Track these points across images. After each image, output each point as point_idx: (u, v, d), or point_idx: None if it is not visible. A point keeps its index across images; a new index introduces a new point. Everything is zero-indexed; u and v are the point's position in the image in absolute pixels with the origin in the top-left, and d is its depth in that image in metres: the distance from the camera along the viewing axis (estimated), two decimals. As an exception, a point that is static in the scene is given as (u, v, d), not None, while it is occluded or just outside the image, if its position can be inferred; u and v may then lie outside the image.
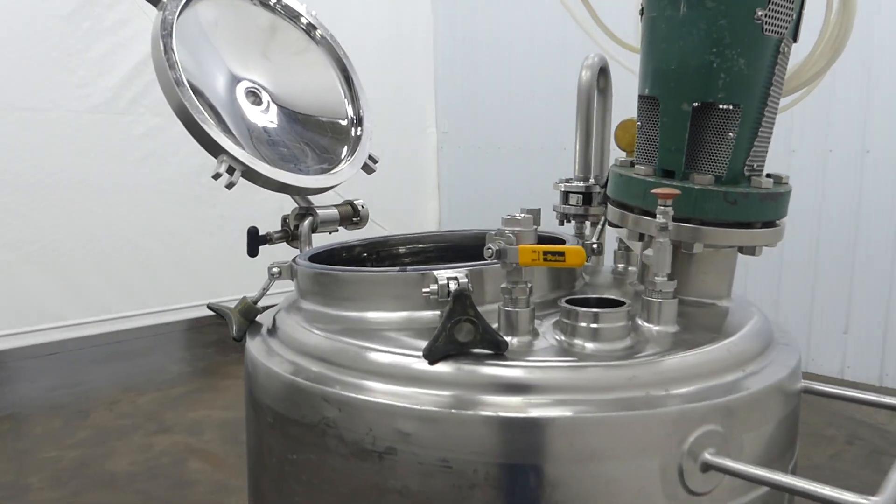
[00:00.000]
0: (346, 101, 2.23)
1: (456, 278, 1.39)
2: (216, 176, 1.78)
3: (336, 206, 2.06)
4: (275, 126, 2.05)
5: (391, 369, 1.29)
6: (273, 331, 1.64)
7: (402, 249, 2.01)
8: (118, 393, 5.34)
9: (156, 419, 4.84)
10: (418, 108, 7.51)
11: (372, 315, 1.48)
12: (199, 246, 5.79)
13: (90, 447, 4.42)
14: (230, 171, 1.79)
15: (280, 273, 1.72)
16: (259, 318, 1.76)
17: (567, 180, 2.06)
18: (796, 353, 1.47)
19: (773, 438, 1.33)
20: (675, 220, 1.46)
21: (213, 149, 1.78)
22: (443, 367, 1.26)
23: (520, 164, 6.95)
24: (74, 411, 4.99)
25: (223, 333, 6.71)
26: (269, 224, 2.02)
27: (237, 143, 1.83)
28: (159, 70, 1.76)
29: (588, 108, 2.01)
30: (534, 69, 6.77)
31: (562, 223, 2.07)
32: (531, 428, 1.17)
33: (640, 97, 1.59)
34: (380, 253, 1.99)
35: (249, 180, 1.85)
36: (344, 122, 2.20)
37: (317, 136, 2.12)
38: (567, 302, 1.36)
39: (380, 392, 1.28)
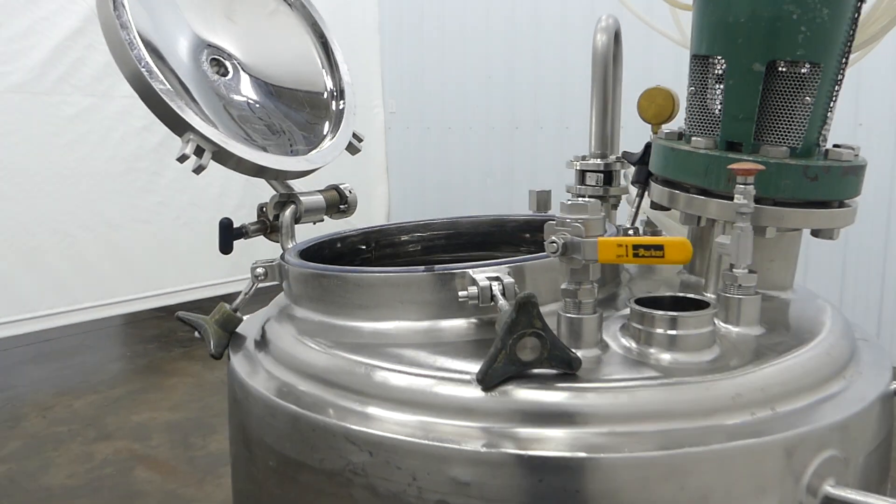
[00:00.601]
0: (324, 71, 1.93)
1: (499, 279, 1.14)
2: (182, 158, 1.48)
3: (320, 191, 1.77)
4: (244, 100, 1.75)
5: (437, 399, 1.04)
6: (263, 345, 1.36)
7: (403, 238, 1.73)
8: (51, 397, 4.90)
9: (95, 425, 4.44)
10: (363, 85, 7.14)
11: (389, 326, 1.22)
12: (134, 235, 5.36)
13: (21, 460, 4.01)
14: (198, 152, 1.49)
15: (265, 275, 1.44)
16: (240, 328, 1.48)
17: (582, 158, 1.83)
18: (883, 351, 1.27)
19: (882, 457, 1.13)
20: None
21: (178, 125, 1.48)
22: (503, 395, 1.01)
23: (473, 145, 6.69)
24: (1, 420, 4.55)
25: (165, 327, 6.32)
26: (215, 212, 1.72)
27: (206, 119, 1.53)
28: (108, 30, 1.44)
29: (605, 76, 1.78)
30: (487, 47, 6.45)
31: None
32: (631, 469, 0.94)
33: (695, 57, 1.36)
34: (379, 243, 1.72)
35: (219, 162, 1.56)
36: (323, 96, 1.91)
37: (293, 112, 1.83)
38: (637, 303, 1.13)
39: (423, 429, 1.02)
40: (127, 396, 4.92)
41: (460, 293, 1.14)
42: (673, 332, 1.08)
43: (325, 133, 1.84)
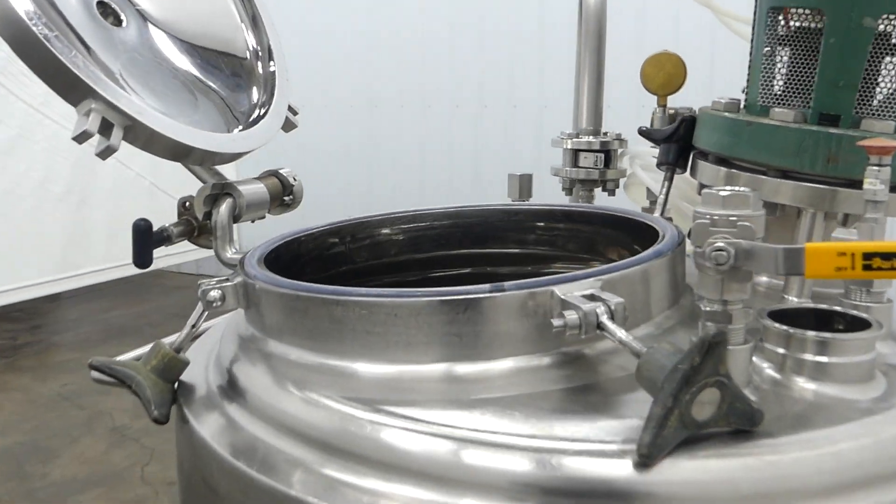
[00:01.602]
0: (242, 25, 1.50)
1: (598, 298, 0.84)
2: (82, 137, 1.04)
3: (257, 179, 1.36)
4: (147, 59, 1.30)
5: (573, 480, 0.71)
6: (235, 396, 0.96)
7: (391, 235, 1.35)
8: None
9: None
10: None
11: (434, 370, 0.88)
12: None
13: None
14: (105, 128, 1.05)
15: (223, 299, 1.03)
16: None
17: (571, 135, 1.55)
18: None
19: None
20: (834, 183, 1.03)
21: (73, 90, 1.04)
22: (672, 470, 0.71)
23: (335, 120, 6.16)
24: None
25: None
26: (36, 202, 1.26)
27: (116, 82, 1.09)
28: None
29: (600, 40, 1.51)
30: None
31: (571, 192, 1.56)
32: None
33: (772, 9, 1.11)
34: (357, 239, 1.33)
35: (129, 141, 1.12)
36: (245, 57, 1.48)
37: (214, 77, 1.39)
38: (772, 317, 0.87)
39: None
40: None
41: (555, 321, 0.82)
42: (836, 360, 0.83)
43: (255, 103, 1.42)
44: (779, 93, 1.13)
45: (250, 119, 1.38)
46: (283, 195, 1.39)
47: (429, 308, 0.87)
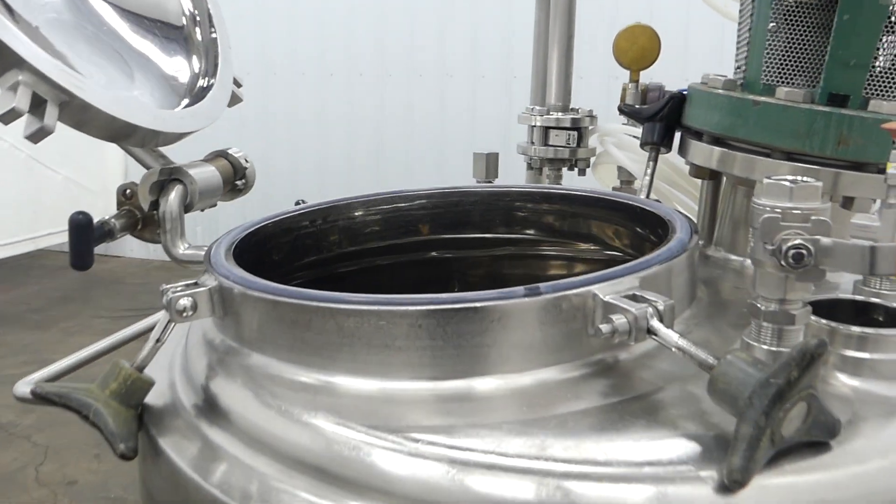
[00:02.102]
0: (174, -17, 1.32)
1: (639, 298, 0.76)
2: (9, 116, 0.86)
3: (206, 161, 1.20)
4: (72, 22, 1.11)
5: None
6: (217, 419, 0.84)
7: (368, 218, 1.21)
8: None
9: None
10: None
11: (458, 386, 0.78)
12: None
13: None
14: (36, 104, 0.88)
15: (195, 308, 0.88)
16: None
17: (540, 111, 1.46)
18: None
19: None
20: (839, 166, 1.01)
21: (-5, 58, 0.86)
22: (756, 494, 0.64)
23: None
24: None
25: None
26: None
27: (48, 49, 0.91)
28: None
29: (570, 8, 1.42)
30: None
31: (541, 171, 1.48)
32: None
33: (781, -18, 1.05)
34: (330, 224, 1.18)
35: (62, 120, 0.95)
36: (179, 23, 1.30)
37: (145, 42, 1.21)
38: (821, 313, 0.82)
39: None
40: None
41: (603, 327, 0.74)
42: (882, 357, 0.80)
43: (197, 73, 1.25)
44: (785, 71, 1.08)
45: (194, 92, 1.21)
46: (234, 179, 1.24)
47: (459, 317, 0.76)
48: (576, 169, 1.46)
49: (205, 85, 1.23)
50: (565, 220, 1.21)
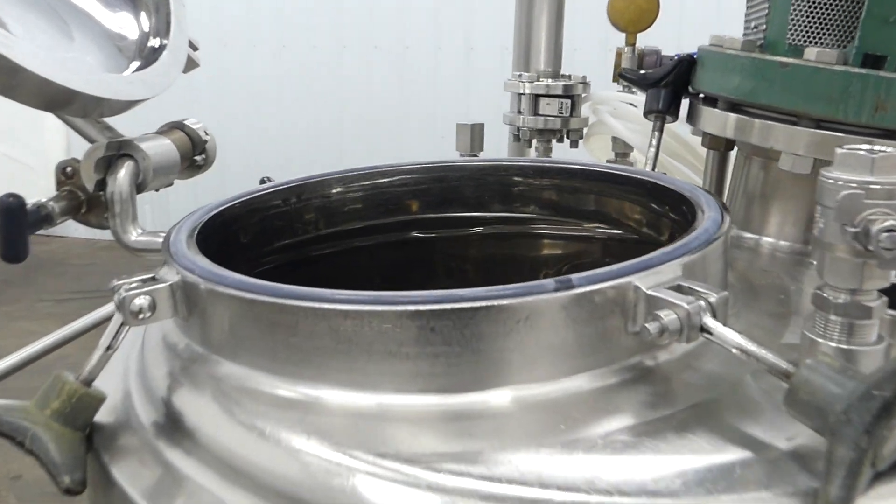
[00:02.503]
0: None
1: (697, 291, 0.65)
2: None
3: (160, 134, 1.05)
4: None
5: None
6: (181, 439, 0.70)
7: (346, 199, 1.07)
8: None
9: None
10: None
11: (475, 400, 0.65)
12: None
13: None
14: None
15: (153, 308, 0.73)
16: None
17: (525, 78, 1.33)
18: None
19: None
20: (870, 134, 0.91)
21: None
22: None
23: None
24: None
25: None
26: None
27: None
28: None
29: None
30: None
31: (530, 143, 1.35)
32: None
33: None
34: (304, 202, 1.04)
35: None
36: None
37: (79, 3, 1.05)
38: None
39: None
40: None
41: (650, 326, 0.62)
42: (952, 353, 0.70)
43: (147, 32, 1.09)
44: (813, 30, 0.97)
45: (144, 54, 1.05)
46: (192, 154, 1.09)
47: (480, 317, 0.63)
48: (567, 140, 1.34)
49: (157, 46, 1.08)
50: (566, 196, 1.09)
